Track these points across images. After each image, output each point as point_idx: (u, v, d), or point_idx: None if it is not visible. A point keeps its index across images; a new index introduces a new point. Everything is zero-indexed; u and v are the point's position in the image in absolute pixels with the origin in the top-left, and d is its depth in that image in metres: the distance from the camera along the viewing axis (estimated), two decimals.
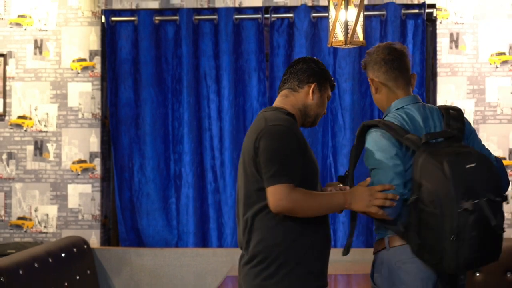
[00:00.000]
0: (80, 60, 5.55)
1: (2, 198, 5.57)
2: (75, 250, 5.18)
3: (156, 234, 5.54)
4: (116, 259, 5.45)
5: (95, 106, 5.55)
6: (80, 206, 5.53)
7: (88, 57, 5.55)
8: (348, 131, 5.38)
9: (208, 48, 5.51)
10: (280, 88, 3.19)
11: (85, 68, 5.55)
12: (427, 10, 5.37)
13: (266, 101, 5.45)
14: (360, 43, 4.00)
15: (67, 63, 5.55)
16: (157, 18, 5.53)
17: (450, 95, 5.34)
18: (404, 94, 3.12)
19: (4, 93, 5.56)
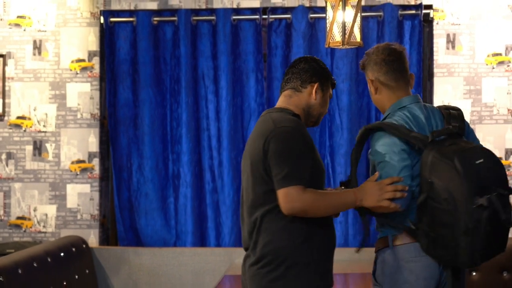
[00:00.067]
0: (79, 60, 5.56)
1: (1, 198, 5.58)
2: (74, 249, 5.18)
3: (154, 233, 5.54)
4: (114, 259, 5.45)
5: (94, 107, 5.56)
6: (79, 205, 5.54)
7: (87, 57, 5.56)
8: (346, 131, 5.39)
9: (206, 48, 5.52)
10: (282, 88, 3.17)
11: (84, 69, 5.56)
12: (424, 11, 5.37)
13: (264, 101, 5.47)
14: (358, 44, 4.01)
15: (66, 64, 5.56)
16: (155, 18, 5.54)
17: (447, 96, 5.36)
18: (404, 94, 3.13)
19: (3, 93, 5.57)
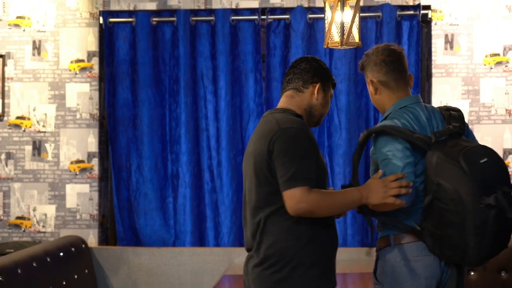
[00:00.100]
0: (78, 61, 5.56)
1: (1, 198, 5.59)
2: (73, 249, 5.19)
3: (153, 233, 5.54)
4: (114, 258, 5.46)
5: (93, 107, 5.57)
6: (78, 205, 5.55)
7: (86, 58, 5.57)
8: (344, 131, 5.40)
9: (205, 49, 5.53)
10: (284, 89, 3.16)
11: (83, 69, 5.57)
12: (422, 12, 5.38)
13: (263, 101, 5.48)
14: (356, 44, 4.00)
15: (65, 64, 5.57)
16: (154, 19, 5.54)
17: (445, 96, 5.37)
18: (404, 94, 3.14)
19: (3, 93, 5.57)
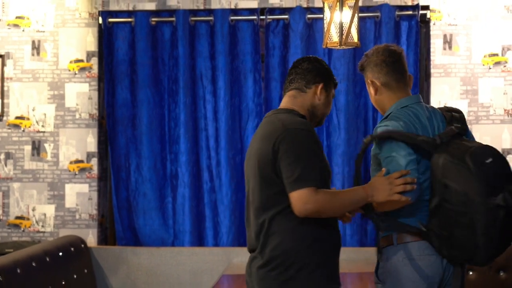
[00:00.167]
0: (78, 61, 5.57)
1: (0, 198, 5.59)
2: (72, 249, 5.20)
3: (152, 233, 5.55)
4: (113, 258, 5.47)
5: (92, 107, 5.58)
6: (77, 205, 5.56)
7: (85, 58, 5.57)
8: (343, 131, 5.41)
9: (204, 49, 5.53)
10: (286, 89, 3.15)
11: (82, 69, 5.57)
12: (421, 12, 5.39)
13: (262, 101, 5.48)
14: (355, 44, 4.01)
15: (65, 64, 5.58)
16: (153, 19, 5.55)
17: (444, 96, 5.38)
18: (404, 94, 3.15)
19: (2, 93, 5.58)
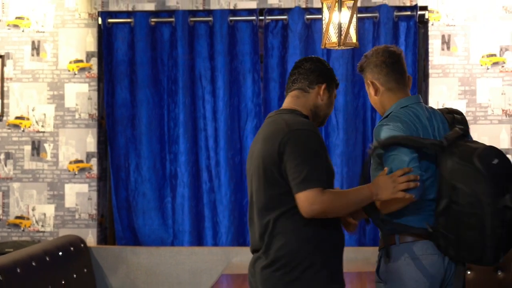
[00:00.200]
0: (77, 61, 5.59)
1: (0, 198, 5.60)
2: (72, 248, 5.21)
3: (152, 233, 5.56)
4: (112, 258, 5.48)
5: (92, 107, 5.59)
6: (77, 205, 5.57)
7: (85, 58, 5.59)
8: (341, 131, 5.42)
9: (203, 49, 5.55)
10: (288, 89, 3.15)
11: (82, 69, 5.59)
12: (419, 12, 5.40)
13: (261, 102, 5.49)
14: (353, 45, 4.01)
15: (64, 64, 5.59)
16: (153, 20, 5.57)
17: (442, 96, 5.39)
18: (404, 95, 3.16)
19: (2, 94, 5.59)
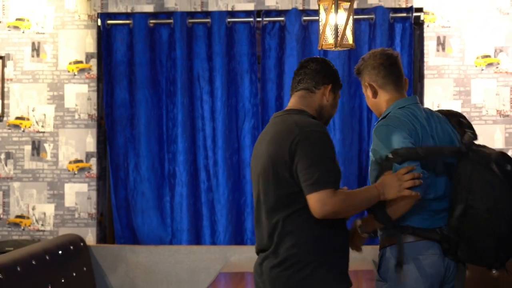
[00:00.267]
0: (77, 62, 5.61)
1: (0, 197, 5.63)
2: (71, 247, 5.22)
3: (150, 231, 5.58)
4: (111, 256, 5.50)
5: (91, 107, 5.62)
6: (76, 204, 5.60)
7: (85, 59, 5.62)
8: (338, 131, 5.44)
9: (202, 50, 5.57)
10: (294, 89, 3.14)
11: (81, 70, 5.62)
12: (415, 14, 5.43)
13: (258, 102, 5.52)
14: (350, 46, 4.04)
15: (64, 65, 5.62)
16: (151, 21, 5.60)
17: (437, 97, 5.43)
18: (401, 97, 3.19)
19: (2, 94, 5.62)
